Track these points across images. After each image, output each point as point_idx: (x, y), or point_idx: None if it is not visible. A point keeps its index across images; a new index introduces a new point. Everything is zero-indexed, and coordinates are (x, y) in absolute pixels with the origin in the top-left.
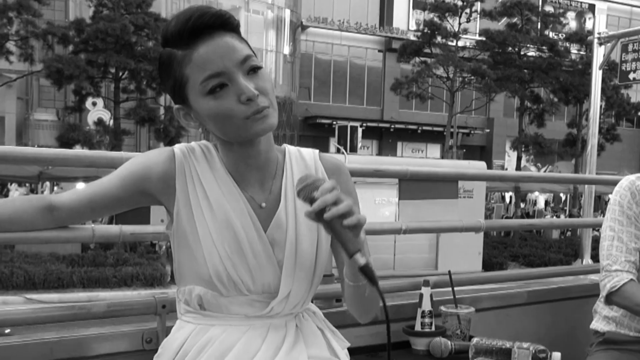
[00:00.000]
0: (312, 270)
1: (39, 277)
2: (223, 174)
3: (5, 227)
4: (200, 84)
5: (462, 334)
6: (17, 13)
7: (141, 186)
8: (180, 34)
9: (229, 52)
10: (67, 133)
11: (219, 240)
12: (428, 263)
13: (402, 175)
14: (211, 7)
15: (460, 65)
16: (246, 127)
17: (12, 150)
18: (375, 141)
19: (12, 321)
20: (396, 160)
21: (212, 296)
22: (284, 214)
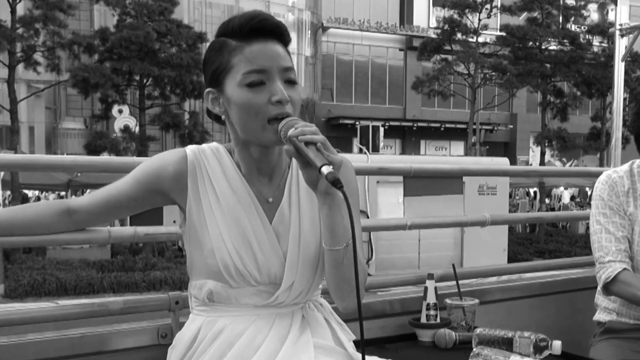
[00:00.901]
0: (315, 261)
1: (70, 283)
2: (232, 171)
3: (27, 230)
4: (243, 74)
5: (467, 325)
6: (43, 24)
7: (155, 185)
8: (241, 27)
9: (276, 57)
10: (94, 141)
11: (227, 234)
12: (453, 260)
13: (406, 172)
14: (274, 17)
15: (481, 61)
16: (264, 130)
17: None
18: (399, 140)
19: (36, 319)
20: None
21: (222, 288)
22: (287, 207)
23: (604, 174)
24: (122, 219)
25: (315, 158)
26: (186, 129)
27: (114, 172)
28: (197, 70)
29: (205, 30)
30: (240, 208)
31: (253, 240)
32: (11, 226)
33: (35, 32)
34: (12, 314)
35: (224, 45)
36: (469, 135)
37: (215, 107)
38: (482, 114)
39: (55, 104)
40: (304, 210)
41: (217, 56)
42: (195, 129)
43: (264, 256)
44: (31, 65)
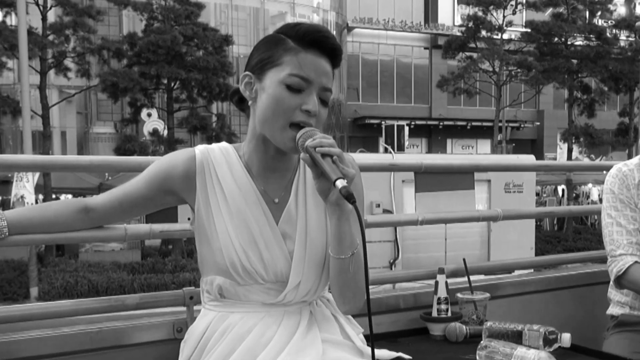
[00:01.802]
0: (321, 261)
1: (101, 286)
2: (240, 171)
3: (46, 228)
4: (288, 74)
5: (478, 319)
6: (73, 30)
7: (165, 185)
8: (305, 34)
9: (323, 75)
10: (123, 144)
11: (234, 233)
12: (480, 259)
13: (416, 168)
14: (336, 38)
15: (506, 58)
16: (283, 132)
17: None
18: (425, 139)
19: (55, 314)
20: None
21: (231, 285)
22: (294, 207)
23: (615, 167)
24: (138, 217)
25: (331, 171)
26: (213, 131)
27: (129, 171)
28: (223, 72)
29: (231, 32)
30: (246, 207)
31: (259, 240)
32: (31, 224)
33: (66, 38)
34: (33, 309)
35: (282, 42)
36: (495, 133)
37: (247, 91)
38: (508, 111)
39: (86, 109)
40: (311, 210)
41: (270, 48)
42: (222, 131)
43: (270, 255)
44: (62, 71)
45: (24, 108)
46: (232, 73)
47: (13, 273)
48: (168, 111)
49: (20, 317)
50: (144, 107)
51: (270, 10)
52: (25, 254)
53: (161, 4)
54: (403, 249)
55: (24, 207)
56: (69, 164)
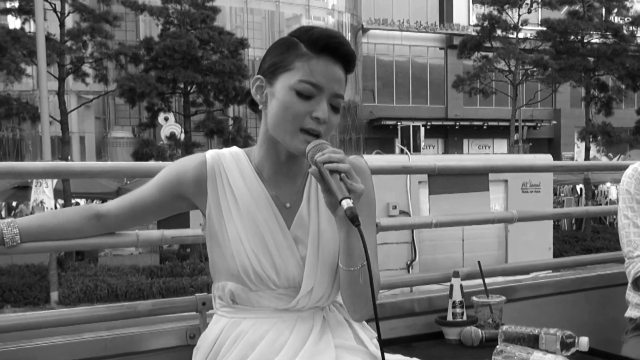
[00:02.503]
0: (334, 266)
1: (121, 289)
2: (251, 176)
3: (58, 235)
4: (298, 80)
5: (494, 323)
6: (90, 36)
7: (177, 190)
8: (318, 39)
9: (335, 81)
10: (141, 149)
11: (246, 238)
12: (498, 260)
13: (430, 170)
14: (350, 45)
15: (522, 57)
16: (294, 137)
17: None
18: (441, 140)
19: (69, 321)
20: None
21: (242, 290)
22: (306, 212)
23: (630, 167)
24: (151, 223)
25: (337, 189)
26: (230, 135)
27: (140, 177)
28: (239, 76)
29: (247, 36)
30: (258, 212)
31: (271, 245)
32: (43, 232)
33: (83, 44)
34: (48, 316)
35: (294, 46)
36: (512, 132)
37: (257, 95)
38: (525, 110)
39: (104, 114)
40: (323, 215)
41: (282, 52)
42: (239, 134)
43: (282, 260)
44: (80, 76)
45: (43, 114)
46: (247, 76)
47: (34, 278)
48: (185, 115)
49: (35, 324)
50: (161, 111)
51: (285, 13)
52: (46, 258)
53: (177, 9)
54: (420, 251)
55: (36, 214)
56: (82, 170)
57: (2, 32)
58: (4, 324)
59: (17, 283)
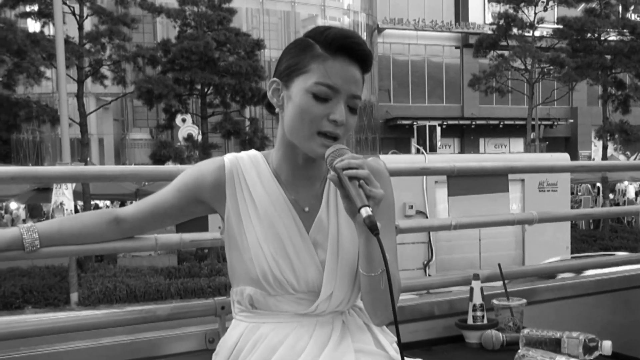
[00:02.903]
0: (353, 270)
1: (139, 290)
2: (269, 180)
3: (77, 240)
4: (315, 83)
5: (515, 326)
6: (109, 39)
7: (195, 194)
8: (333, 40)
9: (351, 82)
10: (159, 150)
11: (265, 242)
12: (515, 260)
13: (448, 171)
14: (366, 44)
15: (538, 55)
16: (311, 140)
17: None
18: (457, 139)
19: (89, 325)
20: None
21: (261, 295)
22: (325, 216)
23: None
24: (169, 226)
25: (356, 197)
26: (246, 136)
27: (159, 180)
28: (255, 77)
29: (263, 37)
30: (277, 216)
31: (290, 249)
32: (62, 236)
33: (102, 46)
34: (68, 321)
35: (310, 48)
36: (528, 131)
37: (274, 98)
38: (541, 109)
39: (122, 116)
40: (342, 219)
41: (298, 54)
42: (256, 135)
43: (301, 265)
44: (98, 79)
45: (62, 116)
46: (264, 77)
47: (54, 279)
48: (202, 116)
49: (56, 329)
50: (179, 113)
51: (301, 14)
52: (66, 260)
53: (194, 11)
54: (437, 251)
55: (55, 219)
56: (101, 174)
57: (22, 35)
58: (24, 328)
59: (38, 284)
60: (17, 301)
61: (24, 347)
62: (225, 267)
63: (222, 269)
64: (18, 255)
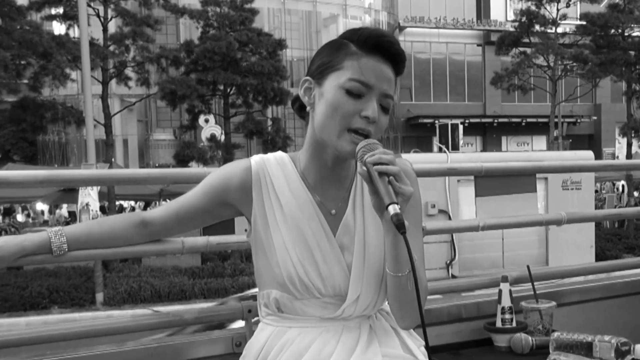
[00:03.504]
0: (380, 273)
1: (163, 290)
2: (296, 182)
3: (104, 243)
4: (348, 79)
5: (544, 329)
6: (132, 40)
7: (222, 197)
8: (367, 39)
9: (385, 81)
10: (182, 151)
11: (291, 246)
12: (538, 259)
13: (476, 172)
14: (400, 44)
15: (561, 52)
16: (342, 137)
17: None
18: (479, 137)
19: (116, 330)
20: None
21: (288, 299)
22: (351, 218)
23: None
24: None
25: (385, 193)
26: (269, 135)
27: (185, 182)
28: (277, 77)
29: (284, 36)
30: (303, 219)
31: (317, 252)
32: (89, 240)
33: (126, 48)
34: (96, 325)
35: (343, 47)
36: (551, 129)
37: (305, 97)
38: (564, 106)
39: (146, 117)
40: (369, 221)
41: (331, 52)
42: (278, 135)
43: (328, 268)
44: (122, 80)
45: (87, 117)
46: (286, 77)
47: (80, 279)
48: (225, 117)
49: (83, 333)
50: (202, 114)
51: (323, 13)
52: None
53: (216, 11)
54: (459, 250)
55: (83, 222)
56: (128, 177)
57: (48, 38)
58: (50, 333)
59: (64, 284)
60: (44, 301)
61: (51, 351)
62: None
63: (245, 268)
64: (46, 259)
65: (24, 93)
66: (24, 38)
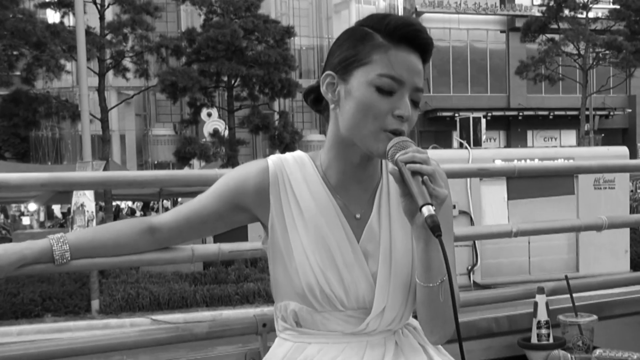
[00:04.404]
0: (407, 283)
1: (163, 297)
2: (317, 184)
3: (111, 251)
4: (378, 75)
5: (585, 345)
6: (131, 29)
7: (237, 200)
8: (395, 29)
9: (416, 74)
10: (183, 147)
11: (312, 253)
12: (568, 265)
13: (509, 172)
14: (427, 31)
15: (592, 39)
16: (375, 137)
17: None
18: (503, 132)
19: (121, 345)
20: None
21: (307, 312)
22: (376, 223)
23: None
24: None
25: (419, 194)
26: (276, 130)
27: (194, 185)
28: (285, 67)
29: (293, 23)
30: (324, 224)
31: (339, 260)
32: (93, 248)
33: (124, 37)
34: (97, 340)
35: (369, 37)
36: (582, 122)
37: (329, 93)
38: (596, 98)
39: (144, 110)
40: (396, 226)
41: (356, 45)
42: (285, 130)
43: (351, 278)
44: (120, 71)
45: (83, 112)
46: (294, 67)
47: (74, 285)
48: (229, 110)
49: (86, 349)
50: (204, 107)
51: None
52: None
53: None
54: (482, 254)
55: (87, 229)
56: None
57: (42, 26)
58: (51, 349)
59: (58, 291)
60: (37, 309)
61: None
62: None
63: (250, 274)
64: (47, 269)
65: (16, 86)
66: (17, 27)
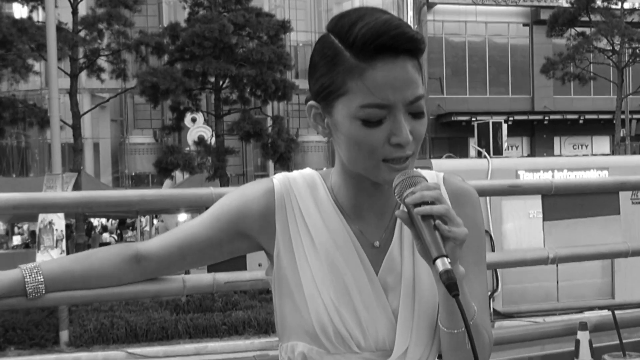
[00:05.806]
0: (433, 322)
1: (141, 328)
2: (329, 208)
3: (90, 283)
4: (359, 106)
5: None
6: (107, 24)
7: (238, 225)
8: (364, 45)
9: (405, 87)
10: (165, 157)
11: (324, 286)
12: (602, 290)
13: (545, 189)
14: (407, 24)
15: (629, 33)
16: (377, 170)
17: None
18: (526, 138)
19: None
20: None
21: (318, 354)
22: (398, 252)
23: None
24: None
25: (431, 244)
26: (269, 138)
27: (187, 206)
28: (280, 66)
29: (289, 17)
30: (338, 254)
31: (355, 295)
32: (72, 279)
33: (99, 33)
34: None
35: (339, 59)
36: (616, 127)
37: (318, 126)
38: (633, 99)
39: (121, 116)
40: (419, 256)
41: (329, 68)
42: (280, 137)
43: (369, 315)
44: (94, 72)
45: (53, 118)
46: (290, 66)
47: (41, 314)
48: (216, 115)
49: None
50: (188, 112)
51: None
52: None
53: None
54: (503, 278)
55: (64, 257)
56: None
57: (7, 22)
58: None
59: (22, 321)
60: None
61: None
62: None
63: (239, 301)
64: (18, 303)
65: None
66: None
